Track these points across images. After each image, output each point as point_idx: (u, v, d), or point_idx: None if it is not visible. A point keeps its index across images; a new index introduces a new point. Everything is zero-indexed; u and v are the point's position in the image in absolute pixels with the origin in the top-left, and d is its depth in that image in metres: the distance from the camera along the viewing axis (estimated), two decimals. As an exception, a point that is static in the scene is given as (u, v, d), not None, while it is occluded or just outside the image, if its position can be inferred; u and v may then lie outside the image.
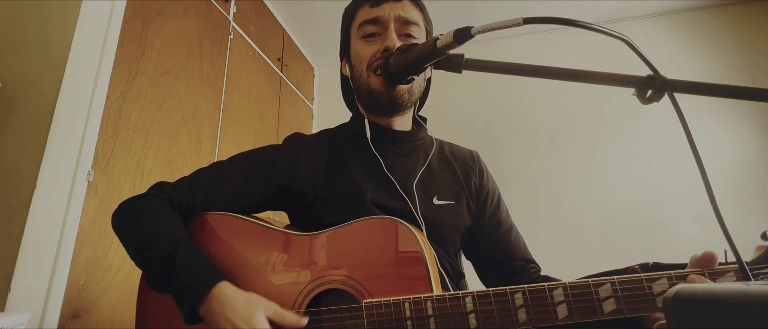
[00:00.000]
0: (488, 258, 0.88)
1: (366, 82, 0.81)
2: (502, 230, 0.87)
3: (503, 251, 0.86)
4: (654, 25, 2.51)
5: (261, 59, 2.21)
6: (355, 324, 0.65)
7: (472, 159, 0.92)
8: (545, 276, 0.83)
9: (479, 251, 0.88)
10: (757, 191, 2.12)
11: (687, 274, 0.55)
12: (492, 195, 0.89)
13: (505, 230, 0.87)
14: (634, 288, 0.55)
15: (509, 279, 0.84)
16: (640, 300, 0.55)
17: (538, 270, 0.87)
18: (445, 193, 0.83)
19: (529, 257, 0.87)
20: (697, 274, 0.55)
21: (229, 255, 0.73)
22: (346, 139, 0.87)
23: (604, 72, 0.51)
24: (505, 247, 0.86)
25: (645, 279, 0.55)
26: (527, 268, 0.85)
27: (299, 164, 0.82)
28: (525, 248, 0.88)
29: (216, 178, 0.80)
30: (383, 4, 0.81)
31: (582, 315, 0.56)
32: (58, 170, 1.09)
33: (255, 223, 0.75)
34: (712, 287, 0.31)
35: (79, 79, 1.16)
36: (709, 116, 2.27)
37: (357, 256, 0.67)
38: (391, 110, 0.83)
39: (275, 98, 2.33)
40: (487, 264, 0.89)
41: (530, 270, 0.85)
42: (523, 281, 0.81)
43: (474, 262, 0.91)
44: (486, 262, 0.88)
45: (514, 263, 0.85)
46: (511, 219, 0.90)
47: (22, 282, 0.99)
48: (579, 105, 2.48)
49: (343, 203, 0.77)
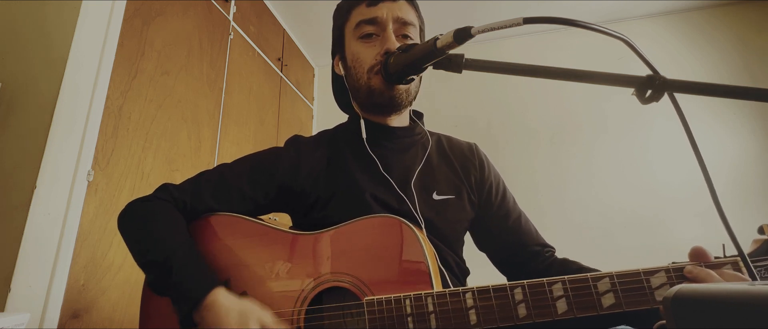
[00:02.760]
0: (502, 248, 0.88)
1: (366, 82, 0.81)
2: (512, 219, 0.87)
3: (516, 239, 0.86)
4: (654, 25, 2.52)
5: (261, 59, 2.21)
6: (357, 322, 0.65)
7: (471, 151, 0.91)
8: (563, 259, 0.83)
9: (492, 242, 0.89)
10: (756, 191, 2.12)
11: (683, 266, 0.55)
12: (496, 186, 0.89)
13: (515, 218, 0.88)
14: (632, 282, 0.56)
15: (527, 265, 0.85)
16: (638, 293, 0.55)
17: (553, 251, 0.87)
18: (444, 188, 0.83)
19: (542, 241, 0.88)
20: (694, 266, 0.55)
21: (232, 255, 0.74)
22: (345, 139, 0.87)
23: (604, 72, 0.51)
24: (518, 235, 0.87)
25: (643, 272, 0.56)
26: (543, 252, 0.86)
27: (300, 165, 0.82)
28: (537, 233, 0.89)
29: (220, 180, 0.80)
30: (380, 4, 0.80)
31: (581, 310, 0.56)
32: (58, 170, 1.09)
33: (258, 223, 0.76)
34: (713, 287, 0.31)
35: (79, 79, 1.16)
36: (709, 116, 2.27)
37: (358, 254, 0.67)
38: (390, 109, 0.83)
39: (275, 98, 2.33)
40: (502, 254, 0.89)
41: (546, 254, 0.86)
42: (540, 266, 0.83)
43: (489, 253, 0.91)
44: (501, 252, 0.89)
45: (529, 249, 0.86)
46: (518, 207, 0.91)
47: (22, 282, 0.99)
48: (579, 105, 2.48)
49: (345, 203, 0.78)
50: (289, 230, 0.74)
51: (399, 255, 0.65)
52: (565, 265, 0.81)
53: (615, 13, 2.53)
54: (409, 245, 0.65)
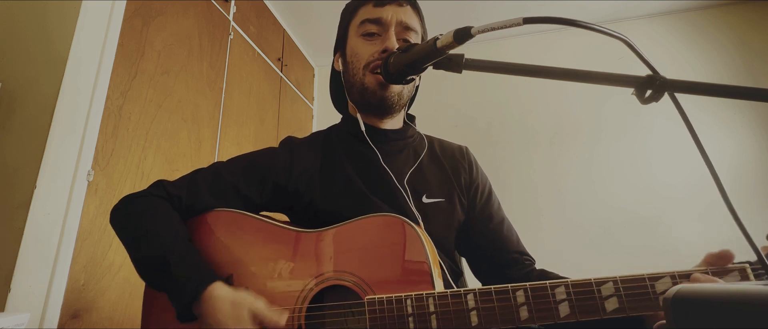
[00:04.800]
0: (481, 252, 0.87)
1: (361, 79, 0.82)
2: (494, 223, 0.87)
3: (495, 244, 0.86)
4: (654, 25, 2.51)
5: (261, 59, 2.21)
6: (358, 321, 0.65)
7: (461, 154, 0.92)
8: (541, 270, 0.83)
9: (471, 245, 0.88)
10: (757, 191, 2.12)
11: (690, 273, 0.55)
12: (482, 188, 0.89)
13: (497, 222, 0.87)
14: (636, 287, 0.55)
15: (502, 272, 0.84)
16: (642, 298, 0.55)
17: (532, 262, 0.86)
18: (435, 191, 0.83)
19: (522, 249, 0.87)
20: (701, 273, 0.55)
21: (234, 251, 0.74)
22: (339, 139, 0.88)
23: (604, 72, 0.51)
24: (497, 240, 0.86)
25: (647, 277, 0.55)
26: (521, 260, 0.85)
27: (294, 165, 0.83)
28: (518, 240, 0.88)
29: (215, 177, 0.80)
30: (387, 6, 0.82)
31: (584, 314, 0.56)
32: (58, 170, 1.09)
33: (260, 220, 0.76)
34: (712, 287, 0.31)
35: (79, 79, 1.16)
36: (708, 116, 2.27)
37: (359, 253, 0.67)
38: (381, 111, 0.84)
39: (275, 98, 2.33)
40: (480, 258, 0.88)
41: (524, 262, 0.85)
42: (517, 274, 0.82)
43: (467, 257, 0.91)
44: (479, 256, 0.88)
45: (507, 256, 0.85)
46: (503, 212, 0.90)
47: (22, 282, 0.99)
48: (579, 105, 2.48)
49: (340, 201, 0.78)
50: (291, 228, 0.74)
51: (401, 255, 0.65)
52: (544, 276, 0.80)
53: (615, 13, 2.53)
54: (411, 245, 0.65)
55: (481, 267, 0.89)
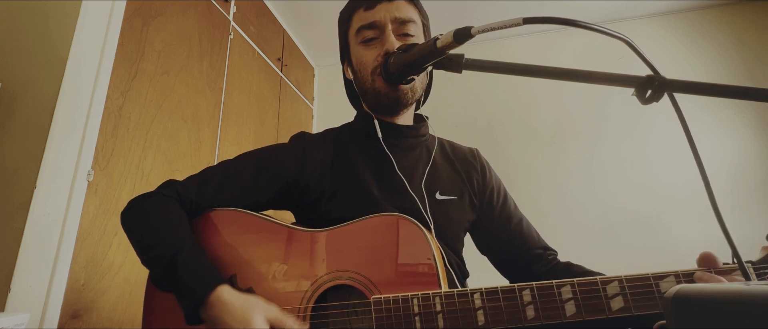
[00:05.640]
0: (505, 252, 0.89)
1: (371, 85, 0.82)
2: (514, 223, 0.89)
3: (518, 243, 0.87)
4: (654, 25, 2.51)
5: (261, 59, 2.21)
6: (363, 320, 0.65)
7: (473, 156, 0.93)
8: (567, 263, 0.84)
9: (495, 246, 0.90)
10: (757, 191, 2.12)
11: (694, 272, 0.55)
12: (497, 190, 0.91)
13: (517, 222, 0.89)
14: (641, 286, 0.56)
15: (529, 269, 0.86)
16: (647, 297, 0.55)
17: (556, 255, 0.88)
18: (447, 189, 0.84)
19: (544, 244, 0.89)
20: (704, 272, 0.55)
21: (237, 251, 0.74)
22: (351, 137, 0.88)
23: (604, 72, 0.51)
24: (520, 239, 0.88)
25: (652, 277, 0.56)
26: (545, 255, 0.86)
27: (305, 161, 0.83)
28: (538, 236, 0.90)
29: (225, 175, 0.81)
30: (377, 6, 0.81)
31: (590, 313, 0.56)
32: (58, 170, 1.09)
33: (264, 219, 0.76)
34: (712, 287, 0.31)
35: (79, 79, 1.16)
36: (709, 116, 2.27)
37: (366, 253, 0.67)
38: (397, 109, 0.84)
39: (275, 98, 2.33)
40: (504, 258, 0.90)
41: (548, 257, 0.86)
42: (542, 269, 0.83)
43: (491, 257, 0.92)
44: (503, 256, 0.90)
45: (531, 253, 0.87)
46: (519, 211, 0.92)
47: (22, 282, 0.99)
48: (579, 105, 2.48)
49: (350, 199, 0.78)
50: (295, 227, 0.74)
51: (407, 255, 0.65)
52: (569, 269, 0.81)
53: (615, 13, 2.53)
54: (417, 245, 0.65)
55: (506, 265, 0.90)
